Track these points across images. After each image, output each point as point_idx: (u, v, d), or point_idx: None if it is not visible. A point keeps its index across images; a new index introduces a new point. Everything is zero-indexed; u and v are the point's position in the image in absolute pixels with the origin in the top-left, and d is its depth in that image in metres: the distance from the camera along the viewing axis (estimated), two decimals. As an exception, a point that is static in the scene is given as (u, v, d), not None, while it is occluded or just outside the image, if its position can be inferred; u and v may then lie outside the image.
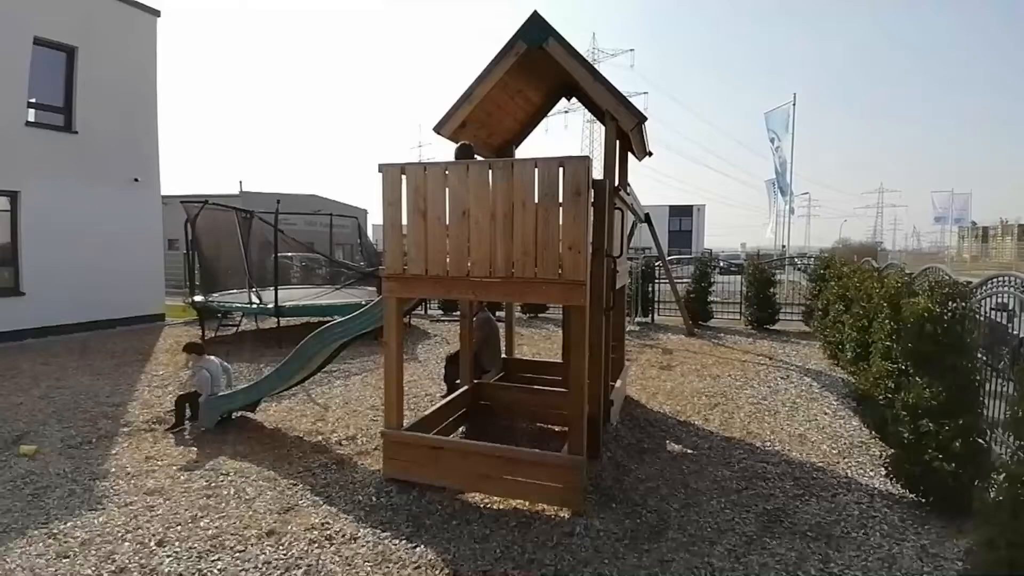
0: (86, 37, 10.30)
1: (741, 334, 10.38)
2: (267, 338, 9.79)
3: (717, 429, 5.15)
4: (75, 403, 5.75)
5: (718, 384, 6.76)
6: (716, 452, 4.58)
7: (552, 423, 5.15)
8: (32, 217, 9.50)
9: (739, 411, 5.68)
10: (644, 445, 4.70)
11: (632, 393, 6.28)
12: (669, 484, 3.94)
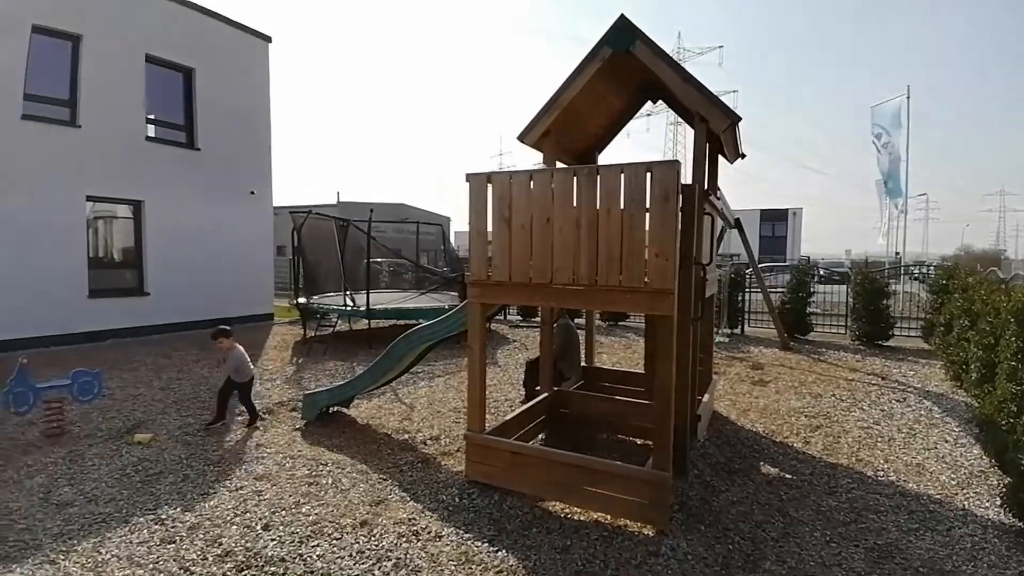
0: (203, 60, 11.54)
1: (847, 350, 9.49)
2: (359, 338, 10.41)
3: (820, 454, 4.74)
4: (194, 393, 6.44)
5: (820, 404, 6.22)
6: (819, 479, 4.21)
7: (634, 435, 5.01)
8: (156, 225, 10.73)
9: (846, 435, 5.19)
10: (735, 465, 4.43)
11: (721, 409, 5.96)
12: (764, 510, 3.68)
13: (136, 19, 10.25)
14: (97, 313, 9.66)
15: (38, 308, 8.81)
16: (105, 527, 3.35)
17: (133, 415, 5.54)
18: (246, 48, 12.53)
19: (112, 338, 9.72)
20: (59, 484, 3.91)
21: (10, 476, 4.04)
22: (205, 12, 11.64)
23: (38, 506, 3.60)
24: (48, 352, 8.31)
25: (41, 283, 8.85)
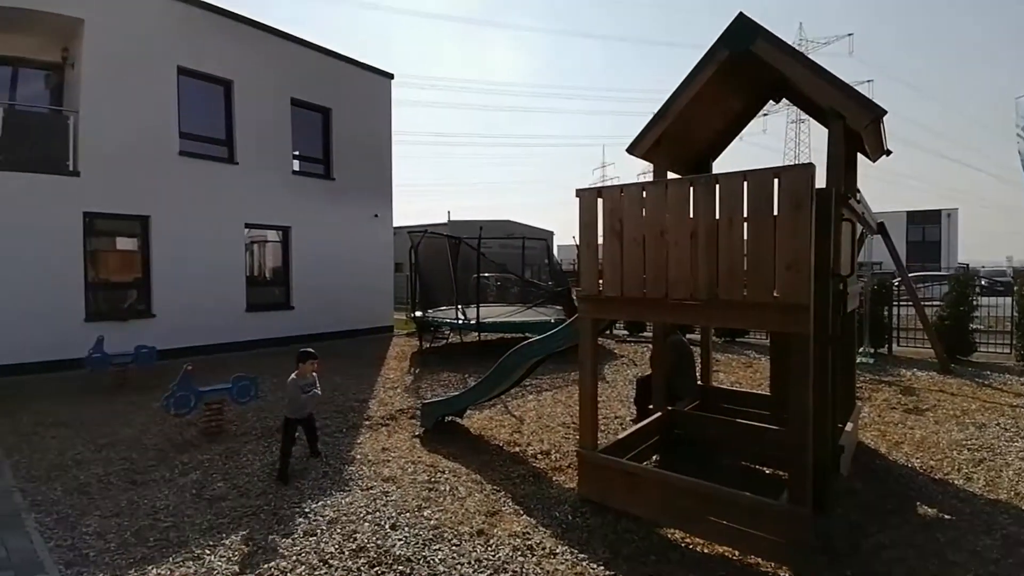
0: (337, 100, 12.92)
1: (1012, 372, 8.00)
2: (470, 350, 10.82)
3: (981, 491, 4.07)
4: (330, 398, 7.09)
5: (983, 435, 5.29)
6: (979, 518, 3.64)
7: (760, 463, 4.62)
8: (300, 247, 12.14)
9: (1007, 468, 4.42)
10: (887, 505, 3.88)
11: (868, 440, 5.28)
12: (919, 554, 3.19)
13: (282, 67, 11.78)
14: (252, 325, 11.11)
15: (207, 321, 10.33)
16: (254, 520, 3.71)
17: (282, 415, 6.21)
18: (372, 86, 13.82)
19: (264, 347, 11.10)
20: (213, 480, 4.39)
21: (162, 475, 4.52)
22: (340, 57, 13.08)
23: (189, 502, 3.98)
24: (212, 359, 9.68)
25: (209, 300, 10.39)
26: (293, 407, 4.71)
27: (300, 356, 4.90)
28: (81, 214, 8.88)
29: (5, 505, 3.92)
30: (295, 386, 4.70)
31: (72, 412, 6.27)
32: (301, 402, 4.70)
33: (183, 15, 10.21)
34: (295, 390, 4.69)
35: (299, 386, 4.71)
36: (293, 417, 4.69)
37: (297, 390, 4.70)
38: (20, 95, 9.53)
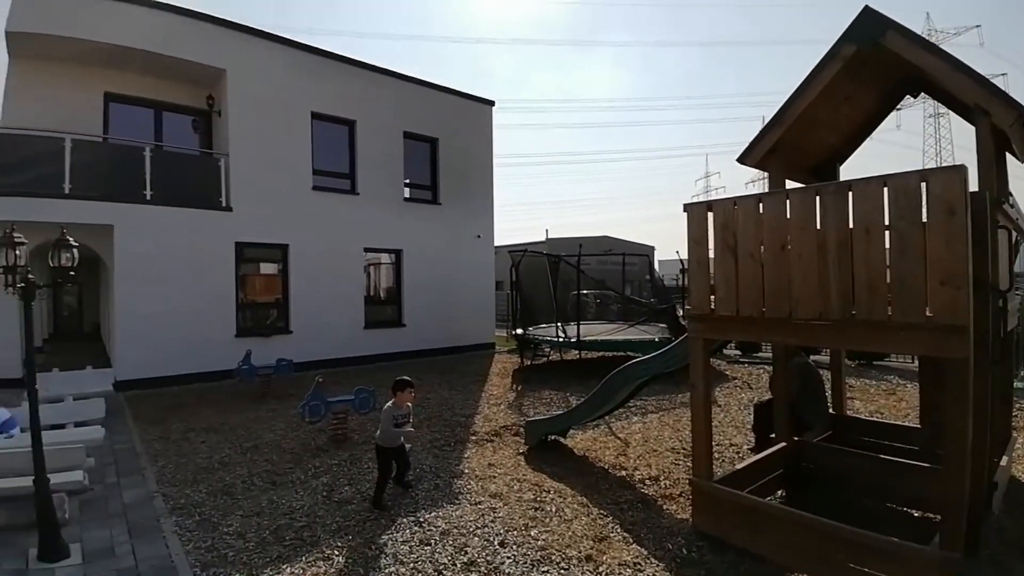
0: (443, 130, 13.73)
1: None
2: (570, 368, 10.76)
3: None
4: (439, 412, 7.43)
5: None
6: None
7: (903, 504, 4.05)
8: (410, 268, 12.95)
9: None
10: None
11: (1021, 475, 4.46)
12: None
13: (396, 104, 12.80)
14: (369, 341, 12.00)
15: (332, 336, 11.36)
16: (375, 524, 3.97)
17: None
18: (475, 114, 14.53)
19: (379, 361, 11.93)
20: (340, 484, 4.77)
21: (298, 477, 4.98)
22: (445, 90, 13.95)
23: (321, 504, 4.34)
24: (336, 371, 10.57)
25: (334, 317, 11.43)
26: (385, 436, 4.48)
27: (397, 384, 4.62)
28: (233, 244, 10.27)
29: (145, 511, 4.20)
30: (389, 416, 4.49)
31: (222, 418, 7.16)
32: (393, 434, 4.50)
33: (314, 64, 11.55)
34: (388, 421, 4.48)
35: (393, 416, 4.49)
36: (385, 446, 4.47)
37: (390, 421, 4.47)
38: (171, 137, 11.01)
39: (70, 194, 8.65)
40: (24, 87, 9.44)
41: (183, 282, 9.56)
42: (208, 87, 10.96)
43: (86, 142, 9.22)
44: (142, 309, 9.14)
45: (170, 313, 9.37)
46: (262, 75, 10.75)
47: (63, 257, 3.74)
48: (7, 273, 3.52)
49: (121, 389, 8.26)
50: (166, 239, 9.43)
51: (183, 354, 9.50)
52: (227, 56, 10.38)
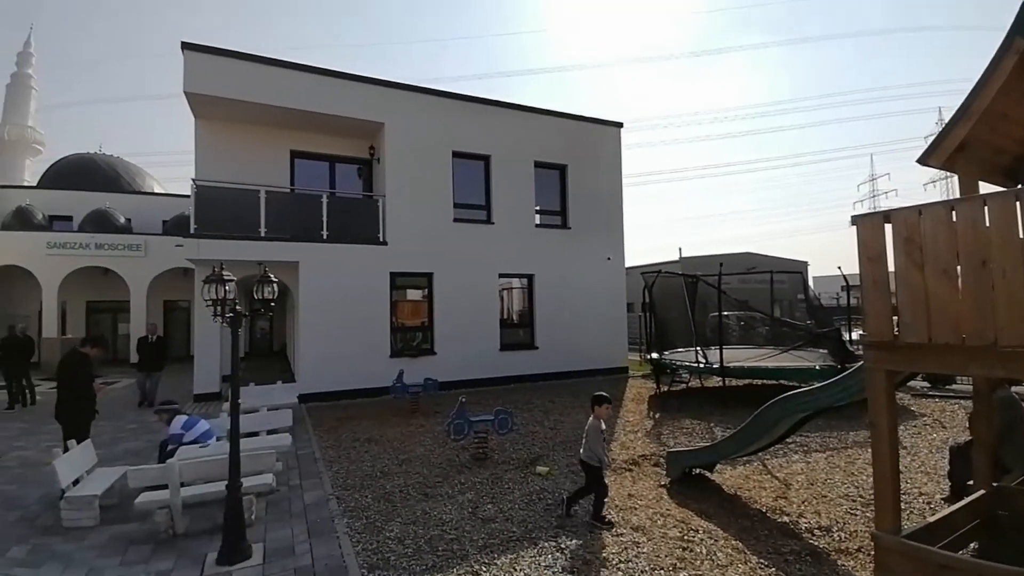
0: (572, 156, 13.98)
1: None
2: (712, 397, 10.02)
3: None
4: (574, 436, 7.37)
5: None
6: None
7: None
8: (541, 292, 13.25)
9: None
10: None
11: None
12: None
13: (527, 136, 13.39)
14: (505, 362, 12.46)
15: (472, 358, 12.01)
16: (518, 545, 4.04)
17: (533, 449, 6.76)
18: (602, 137, 14.59)
19: (514, 383, 12.30)
20: (484, 501, 4.96)
21: (446, 491, 5.24)
22: (573, 117, 14.25)
23: (467, 519, 4.55)
24: (475, 392, 11.09)
25: (472, 339, 12.09)
26: (591, 452, 4.44)
27: (596, 399, 4.65)
28: (388, 274, 11.48)
29: (321, 512, 4.73)
30: (598, 433, 4.46)
31: (380, 431, 7.92)
32: (600, 452, 4.44)
33: (454, 108, 12.60)
34: (598, 438, 4.43)
35: (600, 431, 4.48)
36: (593, 464, 4.43)
37: (599, 436, 4.44)
38: (341, 184, 12.77)
39: (264, 236, 10.43)
40: (216, 145, 11.30)
41: (350, 309, 10.89)
42: (370, 139, 12.54)
43: (276, 192, 11.07)
44: (320, 332, 10.63)
45: (341, 336, 10.73)
46: (412, 124, 12.00)
47: (266, 290, 4.50)
48: (218, 305, 4.29)
49: (303, 401, 9.58)
50: (338, 272, 10.88)
51: (350, 372, 10.75)
52: (385, 110, 11.80)
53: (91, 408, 5.86)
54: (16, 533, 4.42)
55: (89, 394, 5.81)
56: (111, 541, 4.23)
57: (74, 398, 5.64)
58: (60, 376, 5.80)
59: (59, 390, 5.73)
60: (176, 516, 4.30)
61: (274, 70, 10.89)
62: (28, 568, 3.79)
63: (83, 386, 5.74)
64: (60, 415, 5.61)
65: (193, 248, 9.86)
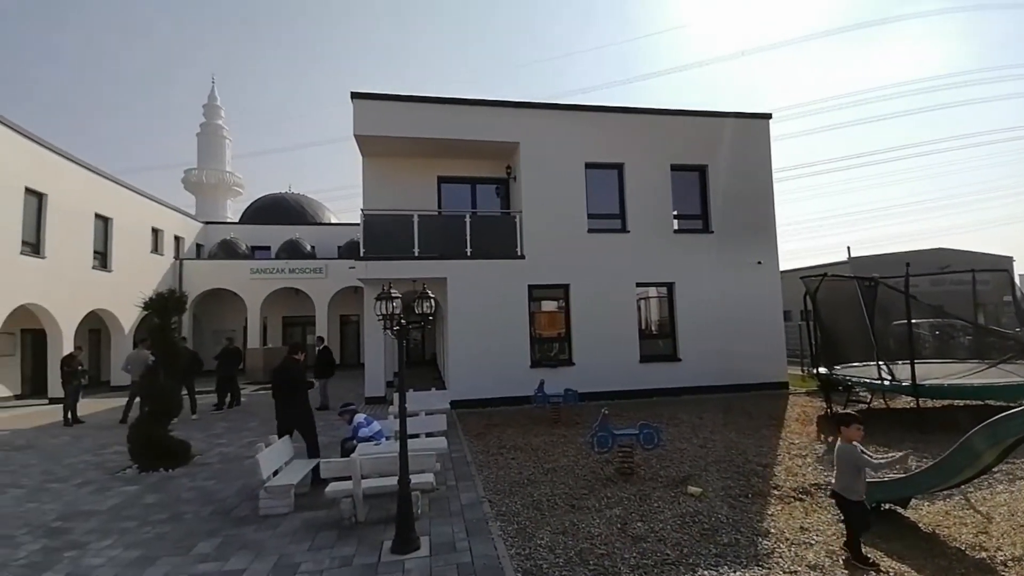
0: (713, 154, 13.17)
1: None
2: (902, 419, 8.61)
3: None
4: (727, 456, 6.87)
5: None
6: None
7: None
8: (683, 301, 12.60)
9: None
10: None
11: None
12: None
13: (662, 140, 12.95)
14: (645, 375, 12.07)
15: (609, 370, 11.85)
16: (673, 569, 3.83)
17: (682, 467, 6.42)
18: (748, 132, 13.52)
19: (655, 396, 11.85)
20: (633, 519, 4.80)
21: (592, 504, 5.18)
22: (713, 114, 13.46)
23: (616, 535, 4.44)
24: (613, 404, 10.84)
25: (610, 350, 11.93)
26: (844, 483, 3.89)
27: (842, 419, 4.05)
28: (526, 286, 11.89)
29: (476, 513, 5.04)
30: (852, 459, 3.83)
31: (524, 439, 8.16)
32: (858, 483, 3.86)
33: (586, 120, 12.70)
34: (855, 466, 3.83)
35: (855, 457, 3.83)
36: (851, 499, 3.88)
37: (853, 463, 3.83)
38: (482, 204, 13.61)
39: (417, 256, 11.49)
40: (379, 178, 12.82)
41: (493, 321, 11.49)
42: (506, 159, 13.19)
43: (426, 216, 12.14)
44: (467, 343, 11.39)
45: (485, 347, 11.38)
46: (545, 140, 12.37)
47: (424, 305, 4.97)
48: (387, 319, 4.83)
49: (454, 407, 10.30)
50: (481, 286, 11.58)
51: (494, 381, 11.31)
52: (519, 131, 12.35)
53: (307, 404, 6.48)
54: (207, 528, 4.96)
55: (303, 393, 6.49)
56: (303, 527, 4.90)
57: (302, 399, 6.38)
58: (284, 380, 6.39)
59: (284, 390, 6.33)
60: (358, 505, 4.90)
61: (424, 106, 12.03)
62: (215, 562, 4.19)
63: (301, 386, 6.44)
64: (289, 414, 6.27)
65: (362, 269, 11.25)
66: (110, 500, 5.88)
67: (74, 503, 5.81)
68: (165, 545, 4.59)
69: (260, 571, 4.03)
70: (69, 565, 4.24)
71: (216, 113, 49.04)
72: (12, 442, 9.29)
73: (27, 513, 5.52)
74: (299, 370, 6.52)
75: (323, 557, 4.23)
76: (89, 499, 5.94)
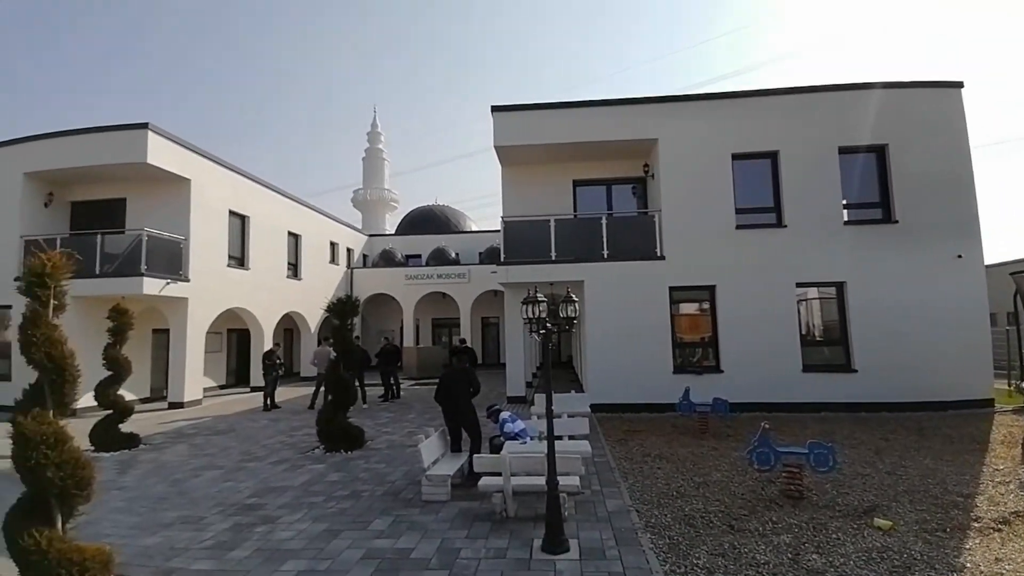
0: (894, 132, 11.32)
1: None
2: None
3: None
4: (922, 485, 5.82)
5: None
6: None
7: None
8: (858, 303, 10.99)
9: None
10: None
11: None
12: None
13: (826, 120, 11.49)
14: (809, 386, 10.78)
15: (765, 379, 10.80)
16: None
17: (865, 496, 5.58)
18: (936, 103, 11.43)
19: (823, 411, 10.51)
20: (806, 549, 4.28)
21: (755, 527, 4.71)
22: (892, 85, 11.61)
23: (787, 566, 3.97)
24: (770, 416, 9.79)
25: (765, 358, 10.88)
26: None
27: None
28: (667, 288, 11.36)
29: (623, 522, 4.92)
30: None
31: (669, 449, 7.79)
32: None
33: (732, 109, 11.78)
34: None
35: None
36: None
37: None
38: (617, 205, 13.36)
39: (554, 259, 11.65)
40: (517, 185, 13.30)
41: (632, 324, 11.19)
42: (644, 156, 12.81)
43: (563, 220, 12.27)
44: (605, 346, 11.24)
45: (624, 350, 11.12)
46: (686, 134, 11.75)
47: (569, 309, 5.03)
48: (533, 322, 4.97)
49: (592, 411, 10.25)
50: (619, 289, 11.35)
51: (634, 386, 10.99)
52: (657, 127, 11.90)
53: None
54: (381, 507, 5.57)
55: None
56: (460, 515, 5.25)
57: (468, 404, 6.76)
58: (457, 382, 6.73)
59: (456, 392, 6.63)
60: (508, 500, 5.12)
61: (560, 112, 12.21)
62: (388, 539, 4.67)
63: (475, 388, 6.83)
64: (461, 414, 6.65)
65: (503, 273, 11.74)
66: (301, 477, 6.89)
67: (268, 480, 6.79)
68: (345, 520, 5.24)
69: (426, 551, 4.41)
70: (260, 540, 4.74)
71: (377, 139, 55.95)
72: (214, 427, 10.81)
73: (220, 493, 6.23)
74: (473, 375, 6.87)
75: (479, 546, 4.49)
76: (283, 476, 6.98)
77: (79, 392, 3.82)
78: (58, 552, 3.39)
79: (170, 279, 12.96)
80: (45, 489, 3.45)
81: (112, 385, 8.76)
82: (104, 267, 12.40)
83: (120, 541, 4.66)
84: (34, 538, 3.35)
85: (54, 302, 3.74)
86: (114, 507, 5.79)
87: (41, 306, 3.72)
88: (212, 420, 11.82)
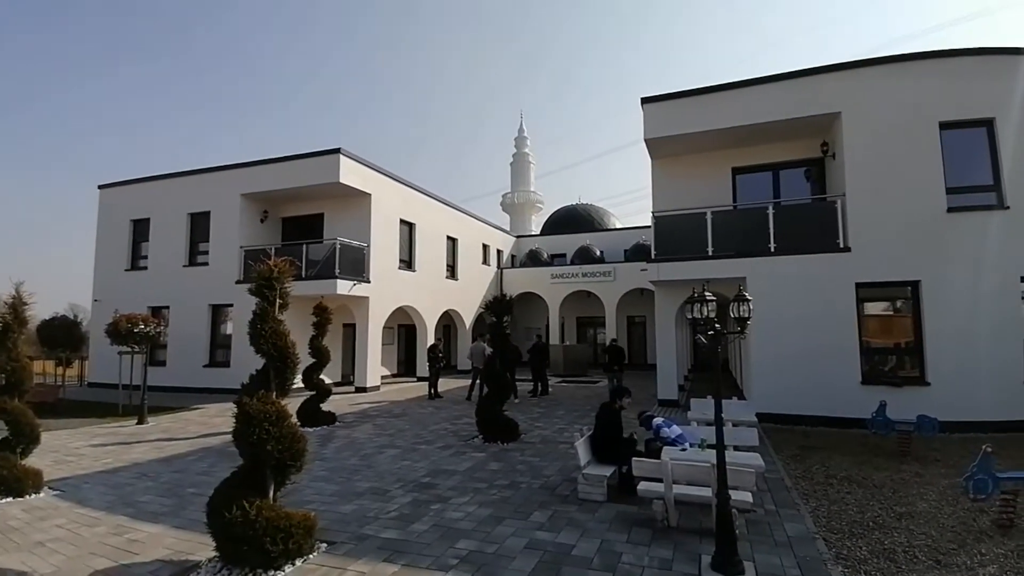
0: (1002, 104, 9.16)
1: None
2: None
3: None
4: None
5: None
6: None
7: None
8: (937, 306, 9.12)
9: None
10: None
11: None
12: None
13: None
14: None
15: (986, 392, 8.83)
16: None
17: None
18: None
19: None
20: None
21: (963, 562, 4.05)
22: None
23: None
24: (990, 437, 7.85)
25: (986, 366, 8.90)
26: None
27: None
28: (853, 285, 9.85)
29: (809, 549, 4.40)
30: None
31: (861, 472, 6.72)
32: None
33: (943, 69, 9.82)
34: None
35: None
36: None
37: None
38: (786, 191, 11.90)
39: (711, 255, 10.84)
40: (668, 178, 12.64)
41: (806, 326, 9.96)
42: (822, 134, 11.32)
43: (721, 212, 11.36)
44: (770, 349, 10.17)
45: (796, 355, 9.95)
46: (878, 103, 10.10)
47: (742, 308, 4.63)
48: (701, 323, 4.64)
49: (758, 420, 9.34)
50: (789, 286, 10.18)
51: (808, 395, 9.77)
52: (840, 98, 10.39)
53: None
54: (539, 499, 5.72)
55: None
56: (617, 518, 5.16)
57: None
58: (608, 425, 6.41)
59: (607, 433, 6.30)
60: (670, 509, 4.89)
61: (716, 96, 11.35)
62: (548, 532, 4.78)
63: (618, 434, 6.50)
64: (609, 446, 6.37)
65: (654, 271, 11.29)
66: (464, 463, 7.40)
67: (438, 462, 7.45)
68: (507, 508, 5.49)
69: (587, 550, 4.43)
70: (435, 516, 5.27)
71: (524, 143, 58.23)
72: (391, 411, 12.38)
73: (400, 470, 7.04)
74: (619, 422, 6.37)
75: (641, 553, 4.36)
76: (450, 460, 7.58)
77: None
78: (266, 520, 3.79)
79: (357, 280, 14.98)
80: (263, 461, 4.06)
81: (316, 370, 10.42)
82: (308, 271, 14.75)
83: (322, 508, 5.48)
84: (243, 508, 3.72)
85: (279, 301, 4.55)
86: (317, 475, 6.84)
87: (269, 304, 4.54)
88: (389, 404, 13.37)
